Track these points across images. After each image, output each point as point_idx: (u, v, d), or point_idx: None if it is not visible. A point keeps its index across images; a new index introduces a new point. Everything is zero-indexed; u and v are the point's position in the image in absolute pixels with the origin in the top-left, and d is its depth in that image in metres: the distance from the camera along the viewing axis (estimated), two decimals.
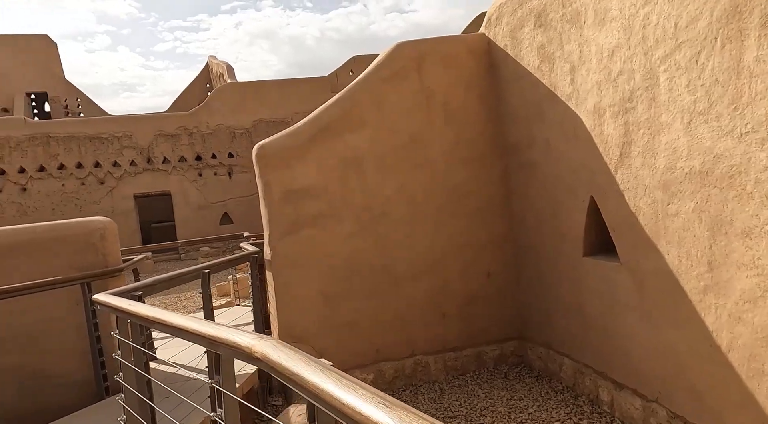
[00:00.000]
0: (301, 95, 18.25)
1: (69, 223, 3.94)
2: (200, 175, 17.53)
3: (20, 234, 3.79)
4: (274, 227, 4.28)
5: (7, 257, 3.73)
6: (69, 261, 3.86)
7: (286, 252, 4.25)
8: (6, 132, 15.58)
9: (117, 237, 4.09)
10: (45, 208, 15.96)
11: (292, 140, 4.32)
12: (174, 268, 15.77)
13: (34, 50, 21.44)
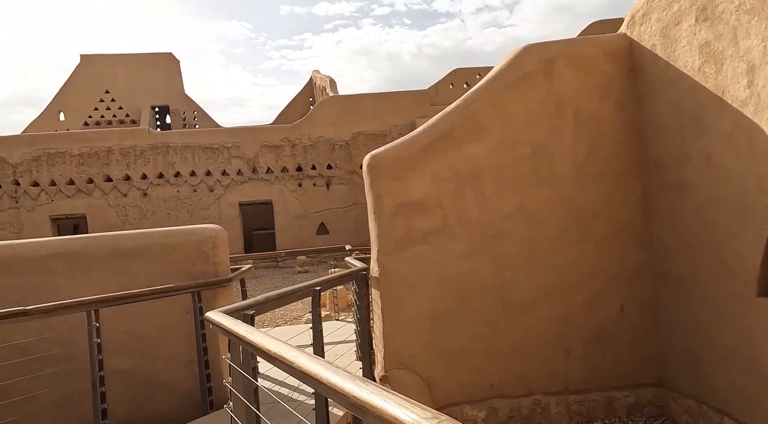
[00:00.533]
0: (399, 108, 18.25)
1: (183, 230, 3.93)
2: (300, 186, 18.03)
3: (138, 239, 3.82)
4: (383, 242, 4.01)
5: (126, 260, 3.77)
6: (181, 268, 3.84)
7: (396, 270, 3.96)
8: (133, 141, 17.07)
9: (227, 246, 4.03)
10: (161, 212, 17.21)
11: (406, 150, 4.05)
12: (272, 275, 16.27)
13: (160, 67, 23.49)
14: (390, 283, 3.98)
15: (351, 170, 18.10)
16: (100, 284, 3.69)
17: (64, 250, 3.68)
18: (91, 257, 3.72)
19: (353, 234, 17.91)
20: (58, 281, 3.65)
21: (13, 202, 16.53)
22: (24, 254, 3.63)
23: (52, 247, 3.69)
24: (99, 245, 3.74)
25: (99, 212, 16.91)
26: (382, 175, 4.02)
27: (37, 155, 16.61)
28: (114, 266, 3.75)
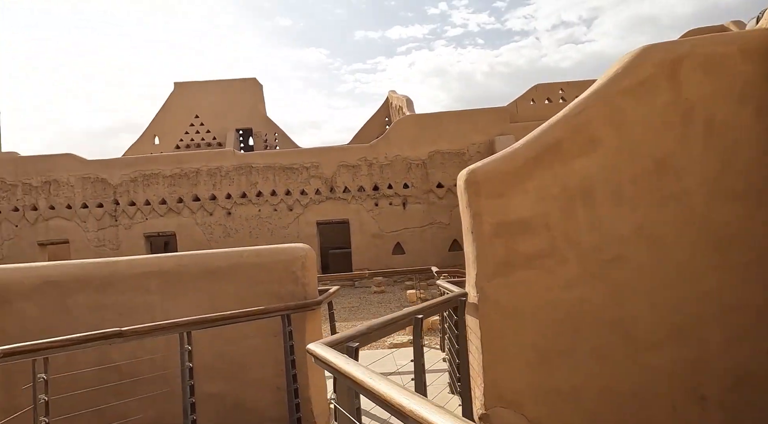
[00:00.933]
0: (478, 126, 17.83)
1: (272, 249, 3.79)
2: (376, 205, 17.99)
3: (229, 258, 3.72)
4: (482, 266, 3.66)
5: (217, 280, 3.68)
6: (270, 289, 3.69)
7: (497, 297, 3.60)
8: (219, 163, 17.86)
9: (315, 266, 3.85)
10: (244, 231, 17.78)
11: (507, 164, 3.70)
12: (348, 294, 16.22)
13: (245, 91, 24.65)
14: (490, 311, 3.61)
15: (428, 189, 17.83)
16: (192, 303, 3.62)
17: (158, 268, 3.65)
18: (184, 276, 3.66)
19: (430, 254, 17.56)
20: (153, 299, 3.61)
21: (112, 221, 17.75)
22: (122, 271, 3.63)
23: (148, 265, 3.67)
24: (191, 264, 3.67)
25: (187, 229, 17.76)
26: (481, 191, 3.70)
27: (134, 176, 17.79)
28: (205, 285, 3.66)
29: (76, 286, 3.59)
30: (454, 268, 8.90)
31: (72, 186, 17.72)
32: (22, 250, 17.64)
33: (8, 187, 17.77)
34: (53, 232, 17.71)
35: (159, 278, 3.64)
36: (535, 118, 18.92)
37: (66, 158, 17.90)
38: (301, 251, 3.77)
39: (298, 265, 3.70)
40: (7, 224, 17.68)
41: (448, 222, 17.78)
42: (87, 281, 3.60)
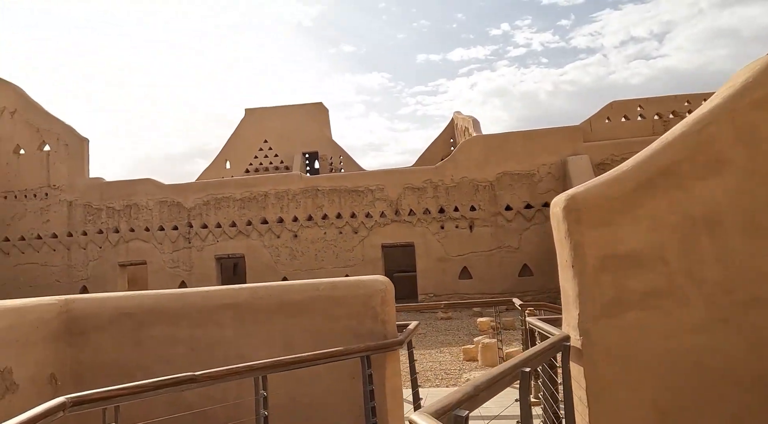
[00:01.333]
0: (548, 146, 17.11)
1: (350, 282, 3.51)
2: (442, 228, 17.57)
3: (305, 291, 3.48)
4: (586, 305, 3.20)
5: (292, 314, 3.44)
6: (348, 326, 3.41)
7: (605, 341, 3.12)
8: (286, 186, 18.16)
9: (394, 301, 3.53)
10: (309, 254, 17.87)
11: (615, 189, 3.25)
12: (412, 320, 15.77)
13: (311, 116, 25.19)
14: (597, 358, 3.13)
15: (495, 212, 17.22)
16: (265, 339, 3.40)
17: (232, 300, 3.47)
18: (258, 309, 3.45)
19: (498, 279, 16.86)
20: (226, 334, 3.42)
21: (186, 243, 18.39)
22: (195, 303, 3.47)
23: (221, 297, 3.50)
24: (266, 296, 3.46)
25: (255, 252, 18.08)
26: (583, 219, 3.26)
27: (206, 200, 18.41)
28: (280, 320, 3.44)
29: (150, 318, 3.47)
30: (538, 302, 8.35)
31: (150, 209, 18.58)
32: (105, 270, 18.62)
33: (94, 211, 18.89)
34: (133, 253, 18.58)
35: (233, 311, 3.45)
36: (612, 137, 17.95)
37: (145, 183, 18.85)
38: (381, 284, 3.46)
39: (378, 300, 3.40)
40: (92, 245, 18.75)
41: (518, 246, 17.04)
42: (161, 312, 3.47)
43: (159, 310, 3.49)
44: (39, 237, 18.98)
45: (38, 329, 3.21)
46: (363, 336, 3.38)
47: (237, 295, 3.52)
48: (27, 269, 18.98)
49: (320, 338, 3.39)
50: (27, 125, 19.41)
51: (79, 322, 3.49)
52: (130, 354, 3.46)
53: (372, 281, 3.49)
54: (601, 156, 16.68)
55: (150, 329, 3.47)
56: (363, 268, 17.68)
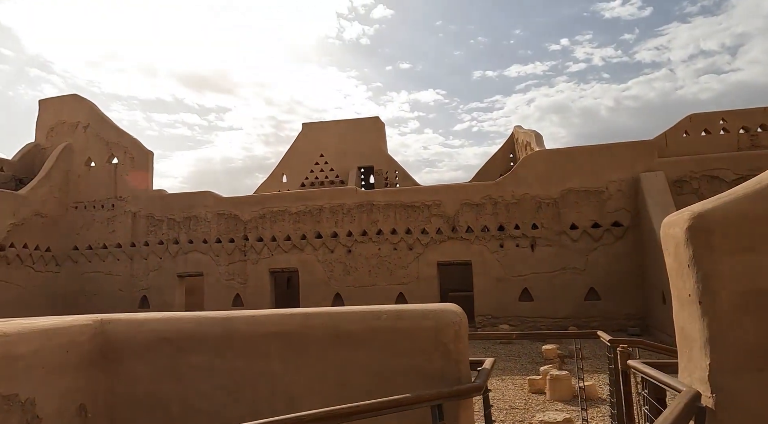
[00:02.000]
0: (618, 161, 15.99)
1: (417, 311, 2.98)
2: (501, 246, 16.72)
3: (364, 319, 2.97)
4: (720, 353, 2.52)
5: (348, 346, 2.94)
6: (413, 364, 2.86)
7: (747, 400, 2.42)
8: (341, 200, 17.93)
9: (467, 335, 2.96)
10: (363, 269, 17.47)
11: (761, 205, 2.56)
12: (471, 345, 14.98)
13: (368, 130, 25.05)
14: (738, 421, 2.44)
15: (559, 231, 16.21)
16: (317, 375, 2.91)
17: (281, 328, 3.01)
18: (310, 340, 2.97)
19: (562, 302, 15.80)
20: (273, 367, 2.96)
21: (242, 256, 18.47)
22: (240, 329, 3.04)
23: (269, 323, 3.05)
24: (319, 325, 2.97)
25: (309, 266, 17.89)
26: (717, 244, 2.58)
27: (263, 213, 18.47)
28: (334, 353, 2.94)
29: (190, 345, 3.06)
30: (631, 337, 7.48)
31: (208, 222, 18.85)
32: (164, 280, 19.00)
33: (156, 222, 19.39)
34: (191, 265, 18.86)
35: (281, 341, 2.99)
36: (690, 153, 16.59)
37: (205, 196, 19.18)
38: (454, 315, 2.91)
39: (450, 334, 2.85)
40: (153, 256, 19.19)
41: (584, 268, 15.92)
42: (201, 339, 3.06)
43: (200, 336, 3.08)
44: (105, 246, 19.66)
45: (68, 354, 2.87)
46: (431, 378, 2.83)
47: (286, 322, 3.05)
48: (93, 278, 19.67)
49: (380, 377, 2.87)
50: (98, 139, 20.31)
51: (115, 346, 3.13)
52: (167, 385, 3.06)
53: (443, 311, 2.94)
54: (679, 173, 15.39)
55: (189, 357, 3.06)
56: (417, 286, 17.09)
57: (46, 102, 21.29)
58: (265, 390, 2.95)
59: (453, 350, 2.85)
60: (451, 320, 2.88)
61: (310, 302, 17.76)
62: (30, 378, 2.60)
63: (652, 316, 14.46)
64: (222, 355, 3.03)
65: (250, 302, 18.23)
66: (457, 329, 2.87)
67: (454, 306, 3.03)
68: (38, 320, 3.00)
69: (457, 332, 2.86)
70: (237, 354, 3.02)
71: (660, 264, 13.43)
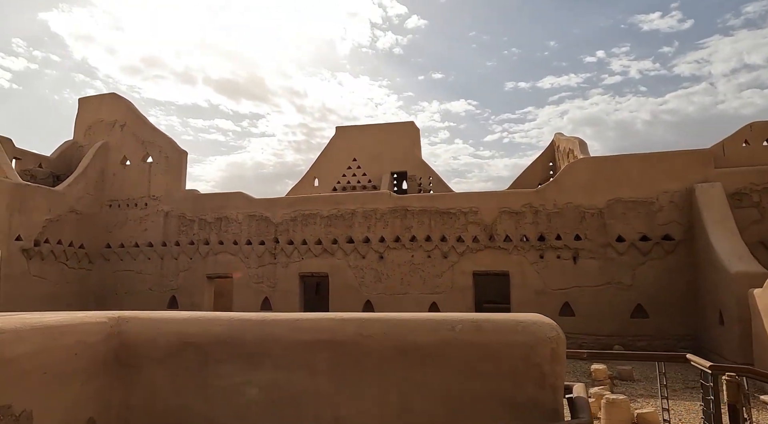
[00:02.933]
0: (671, 171, 15.03)
1: (500, 321, 2.38)
2: (541, 257, 15.90)
3: (435, 330, 2.39)
4: None
5: (413, 363, 2.37)
6: (496, 389, 2.27)
7: None
8: (375, 205, 17.41)
9: (565, 355, 2.35)
10: (395, 277, 16.88)
11: None
12: None
13: (402, 135, 24.55)
14: None
15: (605, 243, 15.30)
16: (374, 398, 2.35)
17: (331, 335, 2.46)
18: (365, 351, 2.41)
19: (606, 319, 14.86)
20: (320, 384, 2.41)
21: (271, 259, 18.12)
22: (281, 335, 2.51)
23: (317, 329, 2.50)
24: (378, 334, 2.41)
25: (340, 271, 17.40)
26: None
27: (294, 216, 18.10)
28: (396, 371, 2.37)
29: (220, 351, 2.54)
30: (740, 364, 6.67)
31: (239, 223, 18.60)
32: (194, 281, 18.80)
33: (188, 222, 19.25)
34: (220, 266, 18.62)
35: (330, 352, 2.44)
36: (750, 163, 15.49)
37: (236, 196, 18.95)
38: (550, 329, 2.30)
39: (546, 353, 2.25)
40: (183, 256, 19.04)
41: (630, 283, 14.96)
42: (234, 345, 2.53)
43: (232, 342, 2.55)
44: (137, 245, 19.62)
45: (77, 358, 2.38)
46: (520, 408, 2.23)
47: (337, 328, 2.50)
48: (124, 276, 19.64)
49: (453, 404, 2.29)
50: (134, 138, 20.38)
51: (133, 350, 2.63)
52: (192, 400, 2.54)
53: (536, 323, 2.34)
54: (738, 184, 14.34)
55: (218, 367, 2.54)
56: (451, 296, 16.40)
57: (86, 100, 21.53)
58: (308, 411, 2.40)
59: (549, 374, 2.25)
60: (546, 335, 2.28)
61: (340, 308, 17.24)
62: (27, 386, 2.12)
63: (706, 337, 13.41)
64: (258, 366, 2.50)
65: (278, 307, 17.83)
66: (555, 346, 2.27)
67: (546, 318, 2.43)
68: (44, 315, 2.53)
69: (554, 351, 2.26)
70: (276, 365, 2.48)
71: (717, 281, 12.42)
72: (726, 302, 11.83)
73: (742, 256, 12.11)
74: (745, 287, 11.00)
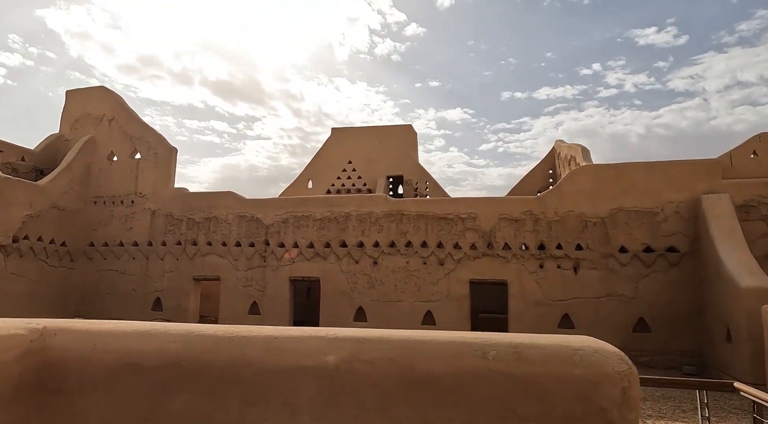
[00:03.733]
0: (677, 180, 14.55)
1: (549, 348, 1.78)
2: (541, 267, 15.34)
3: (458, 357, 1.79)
4: None
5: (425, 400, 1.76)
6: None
7: None
8: (370, 208, 16.81)
9: (639, 397, 1.74)
10: (389, 283, 16.26)
11: None
12: None
13: (399, 138, 23.99)
14: None
15: (607, 253, 14.78)
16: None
17: (318, 360, 1.86)
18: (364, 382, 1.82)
19: (607, 332, 14.27)
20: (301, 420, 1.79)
21: (261, 261, 17.45)
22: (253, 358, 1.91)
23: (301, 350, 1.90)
24: (383, 360, 1.80)
25: (331, 276, 16.76)
26: None
27: (286, 217, 17.46)
28: (404, 410, 1.76)
29: (174, 377, 1.92)
30: (750, 384, 6.17)
31: (229, 224, 17.92)
32: (179, 283, 18.07)
33: (175, 221, 18.55)
34: (208, 268, 17.91)
35: (319, 382, 1.83)
36: (759, 174, 15.06)
37: (226, 196, 18.29)
38: (618, 361, 1.71)
39: (614, 394, 1.65)
40: (169, 256, 18.32)
41: (633, 296, 14.43)
42: (193, 370, 1.91)
43: (189, 364, 1.94)
44: (121, 244, 18.88)
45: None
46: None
47: (329, 350, 1.89)
48: (107, 276, 18.88)
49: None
50: (122, 133, 19.68)
51: (59, 372, 2.01)
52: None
53: (597, 353, 1.74)
54: (745, 196, 13.88)
55: (170, 397, 1.92)
56: (447, 304, 15.79)
57: (74, 93, 20.81)
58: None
59: (617, 419, 1.65)
60: (614, 370, 1.68)
61: (332, 315, 16.58)
62: None
63: (712, 354, 12.87)
64: (222, 398, 1.88)
65: (267, 311, 17.15)
66: (627, 385, 1.67)
67: (610, 346, 1.83)
68: None
69: (625, 392, 1.66)
70: (245, 398, 1.87)
71: (725, 296, 11.91)
72: (735, 318, 11.30)
73: (752, 270, 11.61)
74: (757, 303, 10.49)
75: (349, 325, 16.34)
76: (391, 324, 15.92)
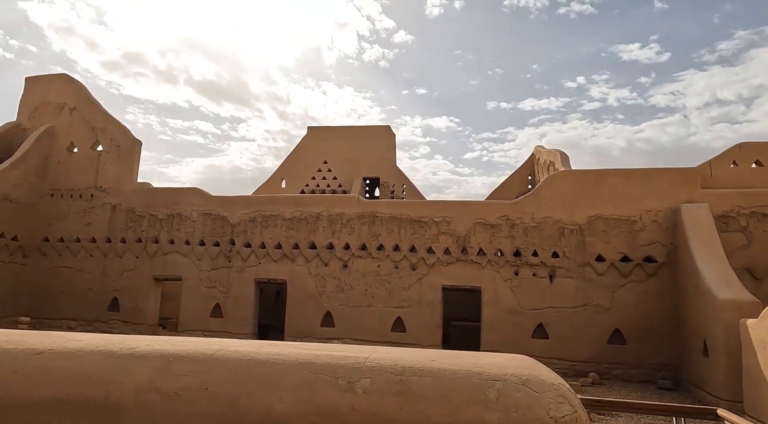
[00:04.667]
0: (656, 189, 14.16)
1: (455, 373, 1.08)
2: (516, 274, 14.80)
3: (323, 385, 1.07)
4: None
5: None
6: None
7: None
8: (341, 209, 16.12)
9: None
10: (359, 287, 15.57)
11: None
12: None
13: (377, 139, 23.37)
14: None
15: (584, 262, 14.30)
16: None
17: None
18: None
19: (581, 343, 13.79)
20: None
21: (226, 262, 16.63)
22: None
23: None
24: (194, 389, 1.08)
25: (299, 279, 16.01)
26: None
27: (253, 216, 16.68)
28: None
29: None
30: (726, 400, 5.64)
31: (193, 221, 17.07)
32: (139, 282, 17.14)
33: (137, 217, 17.63)
34: (169, 267, 17.01)
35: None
36: (737, 185, 14.78)
37: (192, 192, 17.43)
38: (556, 397, 1.05)
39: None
40: (129, 254, 17.38)
41: (609, 306, 13.96)
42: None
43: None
44: (78, 240, 17.86)
45: None
46: None
47: (112, 373, 1.19)
48: (61, 273, 17.83)
49: None
50: (84, 123, 18.70)
51: None
52: None
53: (524, 387, 1.07)
54: (724, 206, 13.53)
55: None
56: (418, 311, 15.15)
57: (33, 79, 19.75)
58: None
59: None
60: (548, 414, 1.02)
61: (298, 320, 15.81)
62: None
63: (688, 368, 12.42)
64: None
65: (230, 314, 16.30)
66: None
67: (546, 372, 1.17)
68: None
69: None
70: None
71: (703, 309, 11.49)
72: (712, 332, 10.86)
73: (730, 282, 11.20)
74: (734, 316, 10.05)
75: (317, 331, 15.60)
76: (359, 331, 15.23)
